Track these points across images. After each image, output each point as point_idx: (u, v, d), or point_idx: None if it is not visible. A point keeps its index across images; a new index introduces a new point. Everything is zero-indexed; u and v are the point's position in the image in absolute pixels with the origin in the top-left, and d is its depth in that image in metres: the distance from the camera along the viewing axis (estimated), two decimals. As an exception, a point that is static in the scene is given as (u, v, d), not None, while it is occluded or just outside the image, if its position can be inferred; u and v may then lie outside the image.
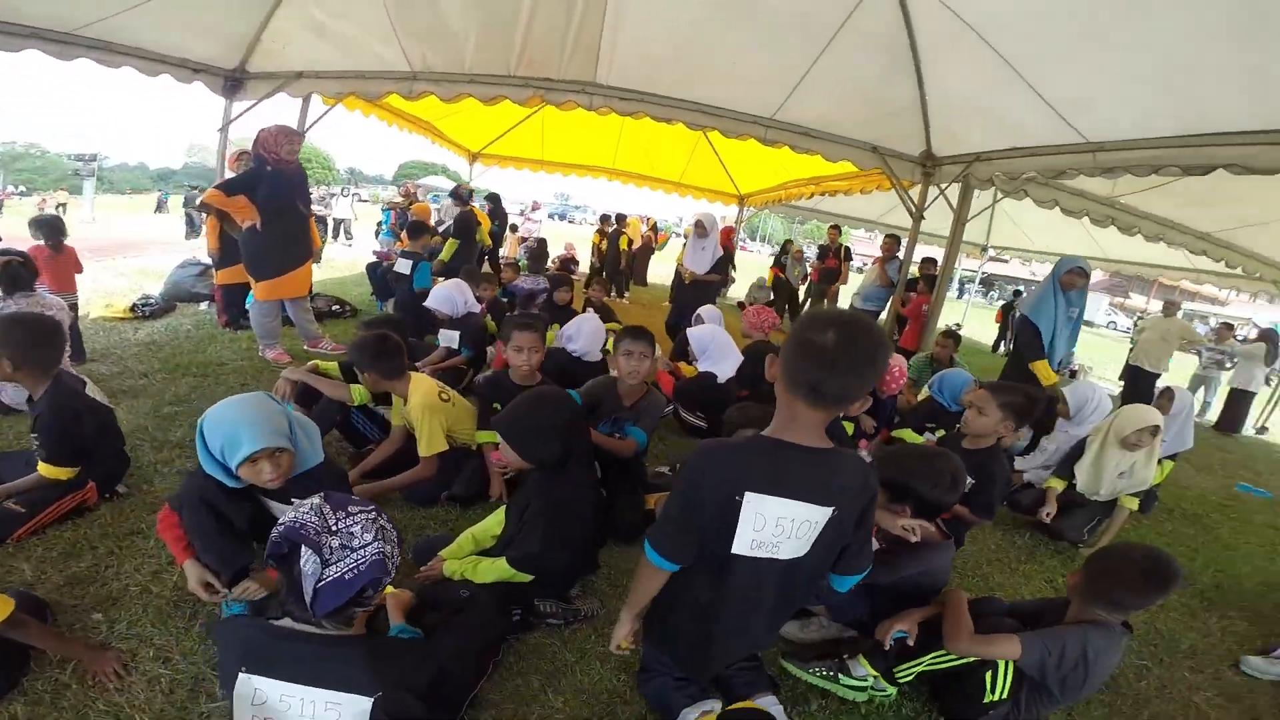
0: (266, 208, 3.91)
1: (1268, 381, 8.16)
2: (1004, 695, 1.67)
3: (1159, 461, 3.27)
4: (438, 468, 2.52)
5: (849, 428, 3.30)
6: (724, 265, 6.32)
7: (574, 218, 42.44)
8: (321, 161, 50.50)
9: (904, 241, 6.21)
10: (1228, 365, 8.23)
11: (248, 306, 4.92)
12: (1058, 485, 3.23)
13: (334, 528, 1.26)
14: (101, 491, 2.19)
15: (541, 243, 12.03)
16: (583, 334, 3.79)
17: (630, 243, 10.54)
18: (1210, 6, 2.45)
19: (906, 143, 4.90)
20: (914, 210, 5.27)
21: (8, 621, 1.38)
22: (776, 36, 3.86)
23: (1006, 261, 17.50)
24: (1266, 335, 8.23)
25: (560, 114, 4.97)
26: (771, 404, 1.36)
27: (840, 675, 1.81)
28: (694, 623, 1.47)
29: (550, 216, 24.08)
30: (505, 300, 5.68)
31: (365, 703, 1.23)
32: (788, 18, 3.71)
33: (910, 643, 1.77)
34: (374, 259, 7.09)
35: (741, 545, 1.29)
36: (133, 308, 4.68)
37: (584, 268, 11.75)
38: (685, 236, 11.55)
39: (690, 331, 4.06)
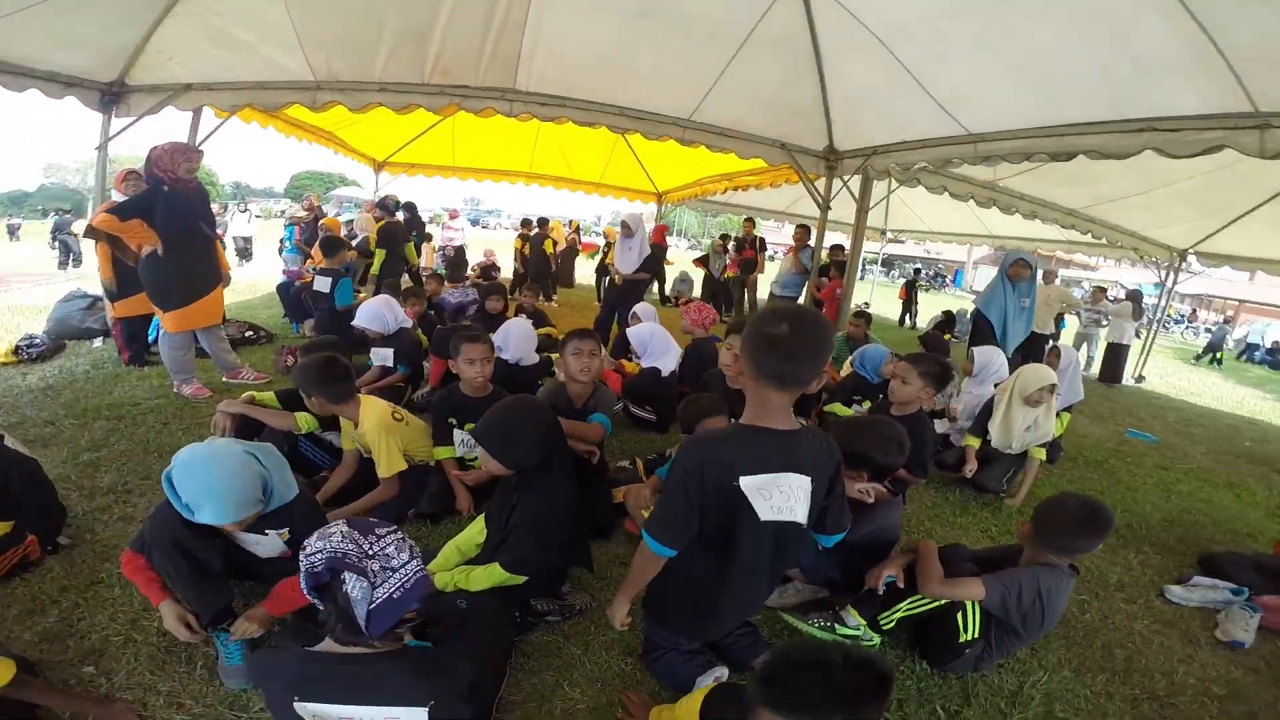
0: (167, 231, 3.64)
1: (1138, 335, 9.28)
2: (976, 635, 1.90)
3: (1057, 414, 3.72)
4: (399, 487, 2.50)
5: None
6: (651, 264, 6.48)
7: (487, 222, 41.59)
8: (204, 176, 46.58)
9: (814, 230, 6.62)
10: (1104, 323, 9.32)
11: (151, 339, 4.62)
12: (974, 443, 3.61)
13: (370, 552, 1.27)
14: (44, 545, 2.04)
15: (460, 251, 11.79)
16: (511, 339, 3.84)
17: (555, 245, 10.51)
18: (1068, 15, 2.83)
19: (811, 139, 5.24)
20: (821, 201, 5.65)
21: (12, 683, 1.33)
22: (693, 43, 4.04)
23: (903, 242, 18.78)
24: (1132, 295, 9.39)
25: (471, 119, 4.91)
26: (716, 393, 1.51)
27: (836, 625, 2.01)
28: (704, 594, 1.60)
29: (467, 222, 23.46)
30: (432, 313, 5.58)
31: (421, 713, 1.26)
32: (703, 26, 3.90)
33: (900, 585, 1.98)
34: (284, 279, 6.72)
35: (766, 512, 1.44)
36: (15, 350, 4.23)
37: (505, 273, 11.63)
38: (606, 237, 11.72)
39: (630, 331, 4.19)
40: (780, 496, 1.45)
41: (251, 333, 5.38)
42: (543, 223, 10.31)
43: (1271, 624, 2.47)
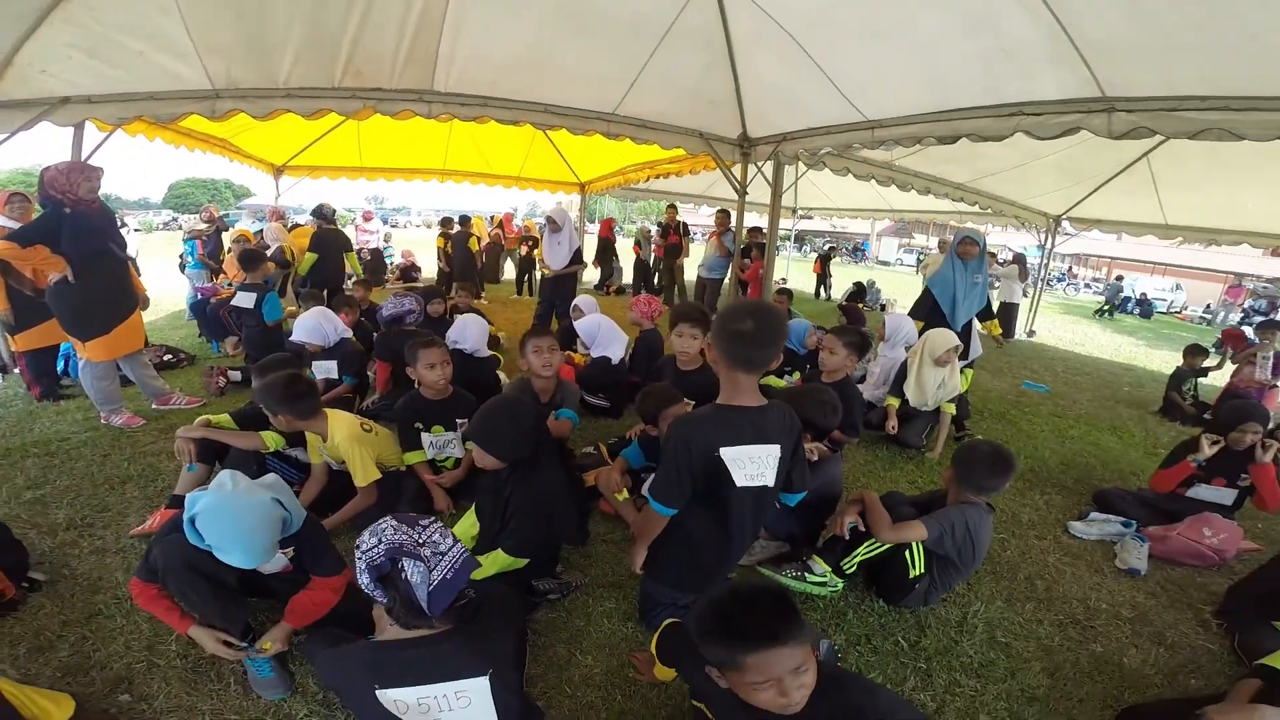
0: (77, 256, 3.46)
1: (1025, 294, 10.35)
2: (922, 570, 2.24)
3: (961, 371, 4.21)
4: (378, 494, 2.58)
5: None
6: (580, 256, 6.61)
7: (395, 221, 39.88)
8: (67, 190, 41.85)
9: (733, 214, 6.97)
10: (995, 285, 10.31)
11: (60, 371, 4.33)
12: (894, 402, 4.05)
13: (421, 540, 1.40)
14: (15, 582, 2.01)
15: (376, 254, 11.38)
16: (470, 333, 3.95)
17: (480, 242, 10.37)
18: (947, 5, 3.15)
19: (727, 128, 5.52)
20: (738, 187, 5.97)
21: (75, 718, 1.40)
22: (614, 39, 4.15)
23: (812, 219, 19.75)
24: (1018, 258, 10.47)
25: (378, 119, 4.80)
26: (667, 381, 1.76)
27: (805, 575, 2.29)
28: (700, 549, 1.86)
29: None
30: (365, 320, 5.47)
31: (483, 681, 1.41)
32: (623, 21, 4.02)
33: (862, 529, 2.28)
34: (197, 296, 6.36)
35: (741, 479, 1.71)
36: (-96, 396, 3.87)
37: (427, 273, 11.37)
38: (526, 230, 11.65)
39: (578, 324, 4.36)
40: (753, 466, 1.72)
41: (170, 356, 5.11)
42: (465, 220, 10.15)
43: (1158, 552, 2.88)
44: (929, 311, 4.66)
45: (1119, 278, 20.99)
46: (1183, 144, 3.07)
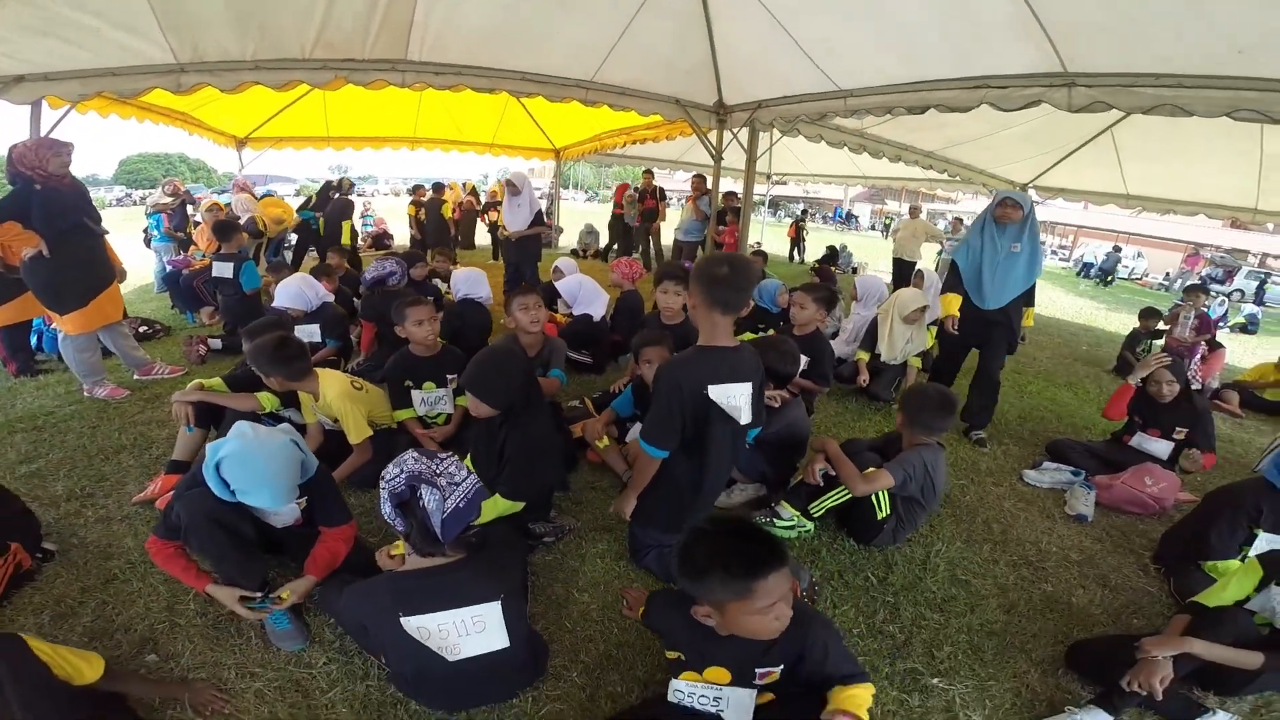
0: (50, 231, 3.43)
1: None
2: (889, 511, 2.44)
3: (927, 328, 4.45)
4: (373, 450, 2.68)
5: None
6: (542, 218, 6.62)
7: (362, 189, 38.74)
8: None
9: (709, 179, 7.03)
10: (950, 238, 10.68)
11: (34, 346, 4.29)
12: (864, 356, 4.32)
13: (438, 470, 1.52)
14: (31, 553, 2.08)
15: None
16: (476, 282, 4.18)
17: (454, 209, 10.25)
18: None
19: (703, 95, 5.55)
20: (714, 153, 6.03)
21: (105, 677, 1.45)
22: (591, 6, 4.13)
23: (786, 184, 19.80)
24: None
25: (347, 88, 4.70)
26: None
27: (775, 520, 2.49)
28: (683, 491, 2.02)
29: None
30: (346, 289, 5.47)
31: (496, 606, 1.55)
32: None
33: (832, 473, 2.47)
34: (169, 269, 6.26)
35: (720, 401, 1.88)
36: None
37: (399, 241, 11.21)
38: (492, 196, 11.48)
39: (560, 284, 4.52)
40: (731, 402, 1.89)
41: (146, 328, 5.06)
42: (438, 187, 10.00)
43: (1104, 499, 3.11)
44: (957, 287, 3.83)
45: (1117, 248, 21.49)
46: (1145, 118, 3.22)
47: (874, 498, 2.43)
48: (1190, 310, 5.67)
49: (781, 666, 1.45)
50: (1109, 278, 18.09)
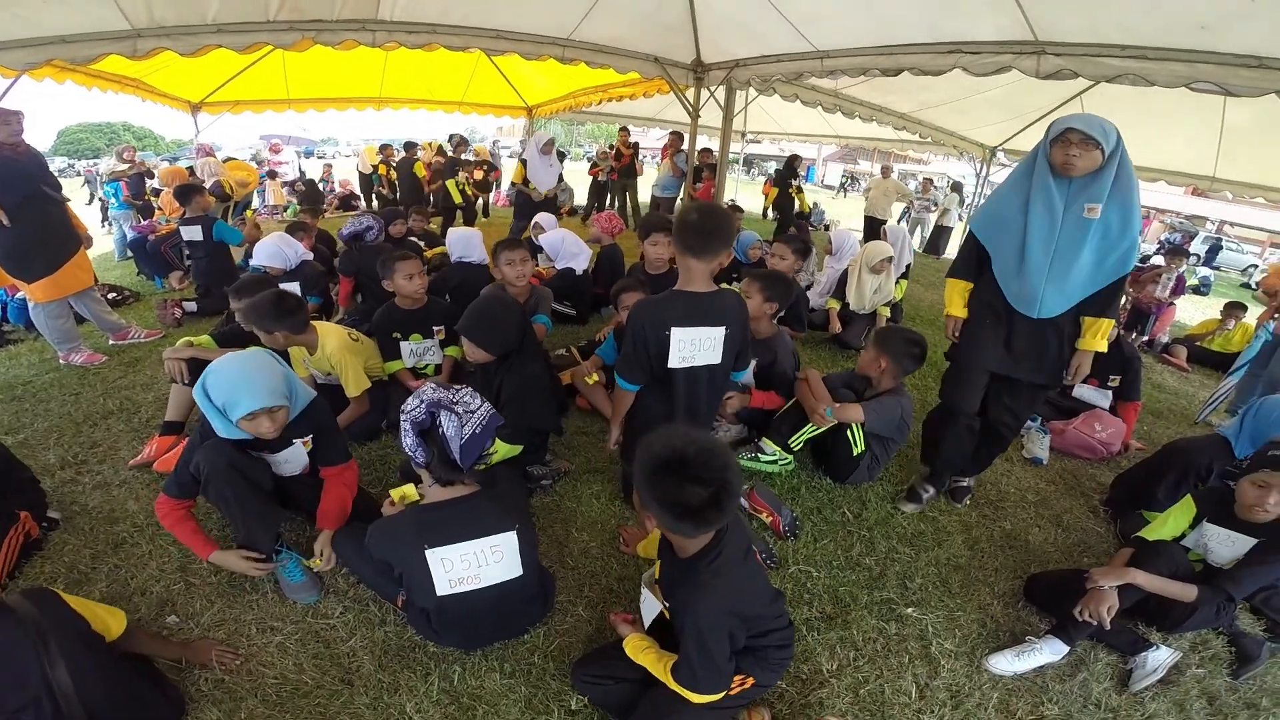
0: (8, 201, 3.34)
1: (960, 218, 10.98)
2: (864, 447, 2.61)
3: (896, 281, 4.65)
4: (370, 402, 2.74)
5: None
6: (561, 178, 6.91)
7: (323, 152, 37.25)
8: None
9: (686, 136, 7.02)
10: (932, 209, 11.14)
11: (6, 316, 4.19)
12: (835, 304, 4.59)
13: (454, 399, 1.60)
14: (38, 521, 2.11)
15: (311, 184, 10.81)
16: (475, 244, 4.17)
17: (427, 168, 9.99)
18: None
19: (681, 53, 5.51)
20: (691, 110, 6.01)
21: (127, 632, 1.48)
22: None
23: (760, 143, 19.73)
24: (955, 187, 11.34)
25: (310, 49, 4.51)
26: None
27: (759, 455, 2.65)
28: (656, 426, 2.10)
29: (296, 155, 21.14)
30: (323, 247, 5.39)
31: (511, 535, 1.65)
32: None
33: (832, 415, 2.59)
34: (133, 234, 6.06)
35: (674, 361, 1.99)
36: None
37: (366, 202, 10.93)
38: (476, 155, 11.21)
39: (542, 239, 4.60)
40: (699, 345, 1.99)
41: (115, 294, 4.94)
42: (410, 146, 9.73)
43: (1057, 444, 3.34)
44: (971, 271, 2.38)
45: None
46: (1114, 87, 3.34)
47: (849, 434, 2.57)
48: (1174, 272, 6.08)
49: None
50: None
